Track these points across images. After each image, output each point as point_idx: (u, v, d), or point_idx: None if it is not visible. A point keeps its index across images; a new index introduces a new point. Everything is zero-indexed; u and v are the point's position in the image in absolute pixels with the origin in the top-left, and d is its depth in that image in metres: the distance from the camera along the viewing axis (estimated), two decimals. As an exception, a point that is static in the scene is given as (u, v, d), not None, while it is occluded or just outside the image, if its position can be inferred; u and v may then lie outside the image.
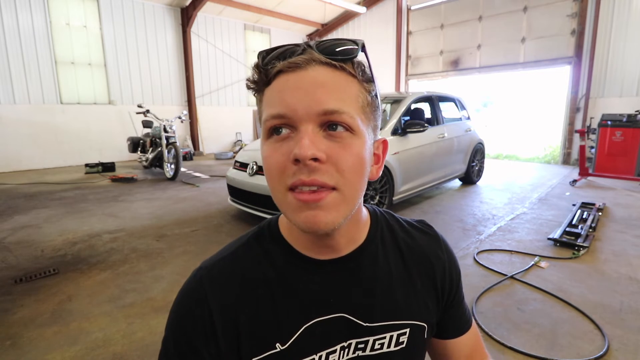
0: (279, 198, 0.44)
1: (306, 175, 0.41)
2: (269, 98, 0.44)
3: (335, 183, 0.42)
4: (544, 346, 1.74)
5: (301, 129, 0.42)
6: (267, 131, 0.44)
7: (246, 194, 3.55)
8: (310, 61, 0.43)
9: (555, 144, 9.59)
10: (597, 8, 6.92)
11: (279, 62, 0.43)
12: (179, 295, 0.52)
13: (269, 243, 0.54)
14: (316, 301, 0.51)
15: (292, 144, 0.42)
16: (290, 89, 0.42)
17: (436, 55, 9.57)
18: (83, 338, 1.84)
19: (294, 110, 0.41)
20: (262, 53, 0.46)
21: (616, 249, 2.93)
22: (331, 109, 0.41)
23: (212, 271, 0.52)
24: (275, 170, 0.43)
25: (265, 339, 0.49)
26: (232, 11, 9.79)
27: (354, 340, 0.52)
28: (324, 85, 0.42)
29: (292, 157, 0.41)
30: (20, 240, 3.25)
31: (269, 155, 0.44)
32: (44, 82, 7.35)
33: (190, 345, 0.48)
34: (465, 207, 4.36)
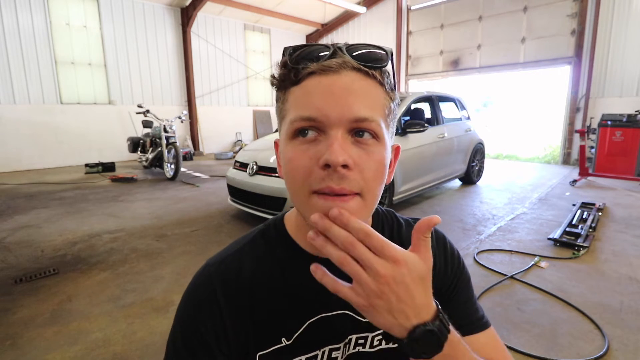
0: (301, 200, 0.44)
1: (335, 182, 0.41)
2: (297, 98, 0.44)
3: (360, 189, 0.42)
4: (544, 346, 1.74)
5: (331, 133, 0.41)
6: (293, 132, 0.44)
7: (246, 194, 3.55)
8: (343, 65, 0.43)
9: (555, 144, 9.59)
10: (597, 8, 6.92)
11: (309, 62, 0.43)
12: (188, 292, 0.53)
13: (275, 240, 0.55)
14: (320, 298, 0.51)
15: (320, 148, 0.42)
16: (322, 93, 0.42)
17: (436, 55, 9.57)
18: (83, 338, 1.84)
19: (326, 115, 0.41)
20: (289, 49, 0.45)
21: (616, 249, 2.93)
22: (362, 117, 0.42)
23: (220, 268, 0.53)
24: (300, 173, 0.43)
25: (271, 334, 0.50)
26: (232, 11, 9.79)
27: (354, 335, 0.54)
28: (356, 92, 0.42)
29: (323, 162, 0.40)
30: (20, 240, 3.25)
31: (295, 157, 0.43)
32: (44, 82, 7.35)
33: (201, 342, 0.49)
34: (465, 207, 4.35)
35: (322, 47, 0.45)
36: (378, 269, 0.36)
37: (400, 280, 0.37)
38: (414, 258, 0.38)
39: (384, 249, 0.37)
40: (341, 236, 0.37)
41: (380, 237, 0.38)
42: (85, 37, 7.80)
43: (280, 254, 0.54)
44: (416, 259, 0.38)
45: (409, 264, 0.37)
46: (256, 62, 11.12)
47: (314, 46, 0.45)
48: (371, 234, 0.37)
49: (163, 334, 1.87)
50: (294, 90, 0.44)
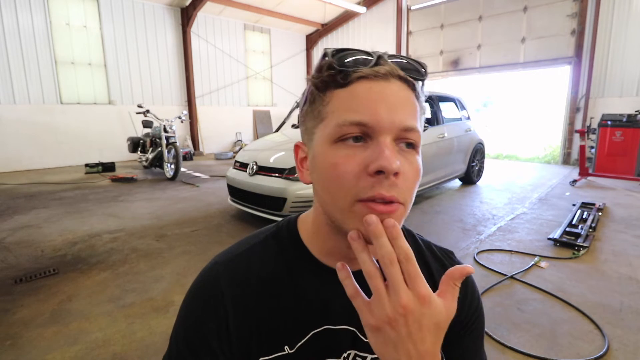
0: (342, 207, 0.42)
1: (386, 190, 0.40)
2: (345, 102, 0.43)
3: (404, 199, 0.42)
4: (544, 346, 1.74)
5: (380, 140, 0.41)
6: (339, 136, 0.42)
7: (246, 194, 3.55)
8: (392, 73, 0.43)
9: (555, 144, 9.59)
10: (597, 8, 6.92)
11: (358, 66, 0.43)
12: (194, 289, 0.52)
13: (286, 245, 0.53)
14: (327, 310, 0.51)
15: (368, 154, 0.41)
16: (374, 98, 0.41)
17: (436, 55, 9.57)
18: (83, 338, 1.84)
19: (378, 121, 0.41)
20: (331, 51, 0.44)
21: (616, 249, 2.93)
22: (410, 126, 0.42)
23: (229, 267, 0.52)
24: (347, 179, 0.41)
25: (275, 341, 0.49)
26: (232, 11, 9.79)
27: (353, 351, 0.52)
28: (404, 102, 0.43)
29: (375, 168, 0.39)
30: (20, 240, 3.25)
31: (341, 162, 0.42)
32: (44, 82, 7.35)
33: (204, 341, 0.48)
34: (465, 207, 4.35)
35: (366, 53, 0.44)
36: (402, 297, 0.35)
37: (418, 319, 0.36)
38: (438, 303, 0.37)
39: (416, 280, 0.36)
40: (386, 249, 0.36)
41: (417, 267, 0.36)
42: (85, 37, 7.80)
43: (290, 260, 0.52)
44: (441, 304, 0.37)
45: (432, 306, 0.36)
46: (256, 62, 11.12)
47: (358, 51, 0.44)
48: (411, 259, 0.36)
49: (163, 334, 1.87)
50: (339, 92, 0.43)
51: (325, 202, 0.45)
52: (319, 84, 0.45)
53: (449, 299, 0.38)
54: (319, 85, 0.45)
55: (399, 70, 0.43)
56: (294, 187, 3.14)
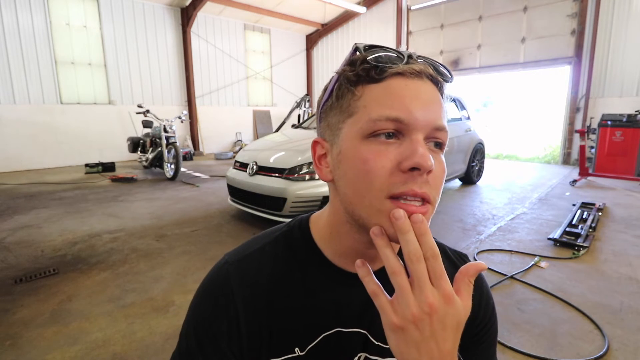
0: (373, 204, 0.41)
1: (419, 186, 0.40)
2: (380, 97, 0.42)
3: (434, 198, 0.42)
4: (544, 346, 1.74)
5: (414, 137, 0.41)
6: (372, 131, 0.42)
7: (246, 194, 3.55)
8: (424, 72, 0.43)
9: (555, 144, 9.59)
10: (597, 8, 6.92)
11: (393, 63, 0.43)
12: (204, 288, 0.51)
13: (298, 246, 0.52)
14: (339, 312, 0.50)
15: (401, 150, 0.41)
16: (411, 96, 0.41)
17: (436, 55, 9.56)
18: (83, 338, 1.84)
19: (415, 119, 0.40)
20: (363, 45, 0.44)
21: (616, 249, 2.93)
22: (441, 126, 0.43)
23: (240, 267, 0.51)
24: (380, 174, 0.40)
25: (286, 342, 0.49)
26: (232, 11, 9.79)
27: (364, 354, 0.52)
28: (437, 101, 0.43)
29: (410, 165, 0.39)
30: (20, 240, 3.25)
31: (372, 158, 0.41)
32: (44, 82, 7.35)
33: (214, 342, 0.48)
34: (465, 207, 4.35)
35: (396, 51, 0.44)
36: (428, 295, 0.35)
37: (442, 318, 0.35)
38: (459, 301, 0.37)
39: (442, 278, 0.36)
40: (413, 245, 0.36)
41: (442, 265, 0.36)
42: (85, 37, 7.80)
43: (302, 262, 0.51)
44: (460, 303, 0.37)
45: (455, 305, 0.36)
46: (256, 62, 11.12)
47: (389, 49, 0.44)
48: (438, 257, 0.36)
49: (163, 334, 1.87)
50: (372, 87, 0.43)
51: (350, 199, 0.44)
52: (353, 77, 0.44)
53: (465, 296, 0.37)
54: (352, 78, 0.44)
55: (430, 70, 0.44)
56: (294, 187, 3.14)
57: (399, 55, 0.43)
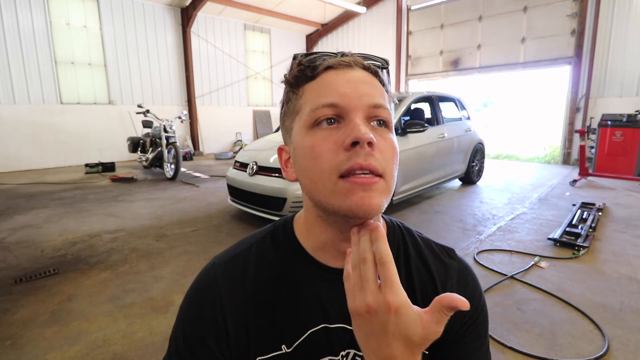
0: (327, 186, 0.44)
1: (363, 159, 0.42)
2: (315, 90, 0.47)
3: (382, 171, 0.44)
4: (544, 346, 1.74)
5: (352, 117, 0.44)
6: (314, 121, 0.45)
7: (246, 194, 3.55)
8: (355, 63, 0.47)
9: (555, 144, 9.59)
10: (597, 8, 6.92)
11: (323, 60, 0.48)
12: (192, 291, 0.53)
13: (282, 244, 0.54)
14: (324, 308, 0.51)
15: (342, 132, 0.44)
16: (341, 81, 0.46)
17: (436, 55, 9.57)
18: (83, 338, 1.84)
19: (348, 100, 0.44)
20: (301, 54, 0.49)
21: (616, 249, 2.93)
22: (379, 103, 0.45)
23: (227, 267, 0.53)
24: (327, 157, 0.43)
25: (272, 340, 0.50)
26: (232, 11, 9.79)
27: (352, 350, 0.52)
28: (370, 84, 0.47)
29: (351, 140, 0.42)
30: (20, 240, 3.25)
31: (318, 144, 0.44)
32: (44, 82, 7.34)
33: (203, 342, 0.49)
34: (465, 207, 4.35)
35: (331, 53, 0.49)
36: (367, 297, 0.38)
37: (383, 323, 0.37)
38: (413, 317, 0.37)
39: (387, 285, 0.37)
40: (363, 247, 0.40)
41: (392, 273, 0.38)
42: (85, 37, 7.80)
43: (286, 259, 0.53)
44: (416, 320, 0.37)
45: (401, 317, 0.37)
46: (256, 62, 11.12)
47: (324, 52, 0.49)
48: (387, 263, 0.38)
49: (163, 334, 1.87)
50: (310, 85, 0.47)
51: (310, 189, 0.46)
52: (292, 80, 0.49)
53: (432, 321, 0.37)
54: (292, 81, 0.49)
55: (361, 61, 0.48)
56: (293, 187, 3.14)
57: (331, 55, 0.48)
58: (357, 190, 0.42)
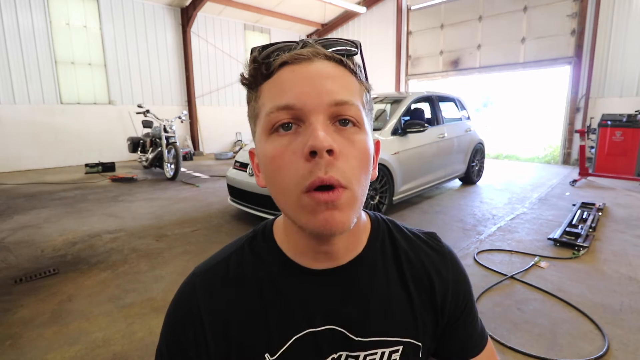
0: (291, 201, 0.41)
1: (323, 172, 0.38)
2: (270, 90, 0.42)
3: (347, 182, 0.40)
4: (544, 346, 1.74)
5: (312, 120, 0.39)
6: (271, 126, 0.41)
7: (246, 194, 3.55)
8: (316, 54, 0.42)
9: (555, 144, 9.59)
10: (597, 8, 6.92)
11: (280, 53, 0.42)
12: (172, 303, 0.52)
13: (262, 249, 0.52)
14: (308, 312, 0.49)
15: (301, 138, 0.39)
16: (297, 79, 0.40)
17: (436, 55, 9.57)
18: (83, 338, 1.84)
19: (304, 101, 0.39)
20: (258, 48, 0.44)
21: (616, 249, 2.93)
22: (342, 99, 0.40)
23: (206, 277, 0.51)
24: (287, 171, 0.40)
25: (255, 349, 0.48)
26: (232, 11, 9.79)
27: (344, 352, 0.50)
28: (332, 77, 0.41)
29: (307, 150, 0.38)
30: (20, 240, 3.25)
31: (277, 154, 0.40)
32: (44, 82, 7.34)
33: (183, 353, 0.48)
34: (465, 207, 4.35)
35: (291, 43, 0.43)
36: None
37: None
38: None
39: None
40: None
41: None
42: (85, 37, 7.80)
43: (267, 263, 0.50)
44: None
45: None
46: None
47: (283, 42, 0.43)
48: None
49: (163, 334, 1.87)
50: (266, 84, 0.42)
51: (277, 199, 0.44)
52: (246, 81, 0.44)
53: None
54: (248, 83, 0.44)
55: (323, 50, 0.42)
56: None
57: (290, 45, 0.43)
58: (321, 209, 0.39)
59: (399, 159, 3.88)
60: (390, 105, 4.60)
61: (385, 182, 3.70)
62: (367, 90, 0.46)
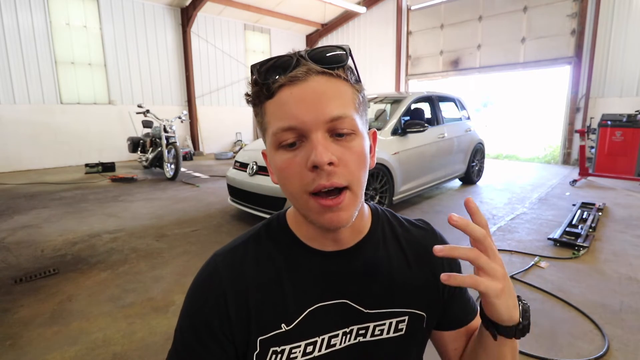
0: (301, 203, 0.48)
1: (325, 179, 0.45)
2: (274, 111, 0.47)
3: (348, 182, 0.47)
4: (544, 346, 1.74)
5: (312, 137, 0.45)
6: (278, 143, 0.48)
7: (246, 194, 3.55)
8: (309, 72, 0.46)
9: (555, 144, 9.59)
10: (597, 8, 6.92)
11: (278, 75, 0.46)
12: (195, 282, 0.56)
13: (277, 234, 0.58)
14: (320, 287, 0.55)
15: (304, 153, 0.46)
16: (295, 101, 0.45)
17: (436, 55, 9.57)
18: (83, 338, 1.84)
19: (303, 122, 0.45)
20: (256, 66, 0.49)
21: (616, 249, 2.93)
22: (337, 115, 0.46)
23: (227, 258, 0.56)
24: (294, 180, 0.47)
25: (272, 320, 0.53)
26: (232, 11, 9.79)
27: (355, 326, 0.55)
28: (325, 94, 0.46)
29: (310, 165, 0.44)
30: (20, 240, 3.25)
31: (285, 166, 0.47)
32: (44, 82, 7.34)
33: (208, 328, 0.52)
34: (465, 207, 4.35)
35: (285, 58, 0.47)
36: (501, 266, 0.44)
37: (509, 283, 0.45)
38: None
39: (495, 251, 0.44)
40: (478, 230, 0.43)
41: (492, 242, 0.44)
42: (85, 37, 7.80)
43: (282, 245, 0.57)
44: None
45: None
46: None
47: (278, 59, 0.48)
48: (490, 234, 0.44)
49: (163, 334, 1.87)
50: (269, 104, 0.48)
51: (290, 200, 0.51)
52: (253, 100, 0.50)
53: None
54: (253, 101, 0.50)
55: (316, 67, 0.46)
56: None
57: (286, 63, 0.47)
58: (326, 212, 0.47)
59: (399, 159, 3.88)
60: (390, 105, 4.60)
61: (385, 182, 3.70)
62: (359, 91, 0.51)
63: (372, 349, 0.56)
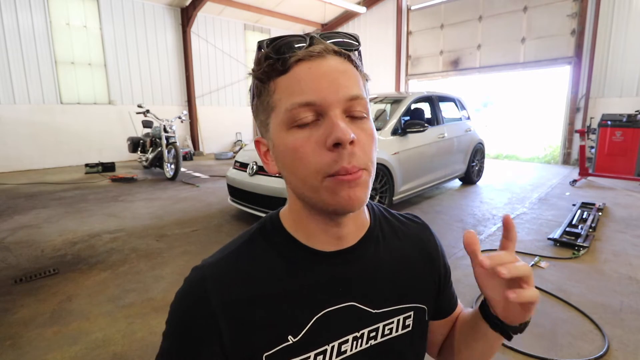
0: (314, 185, 0.44)
1: (347, 161, 0.42)
2: (288, 86, 0.44)
3: (365, 164, 0.45)
4: (544, 346, 1.74)
5: (331, 114, 0.43)
6: (293, 121, 0.44)
7: (246, 194, 3.55)
8: (326, 50, 0.45)
9: (555, 144, 9.58)
10: (597, 8, 6.92)
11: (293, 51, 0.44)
12: (178, 294, 0.51)
13: (273, 237, 0.53)
14: (325, 292, 0.51)
15: (322, 130, 0.43)
16: (315, 77, 0.43)
17: (436, 55, 9.57)
18: (83, 338, 1.84)
19: (324, 97, 0.43)
20: (266, 41, 0.46)
21: (616, 249, 2.93)
22: (355, 95, 0.45)
23: (214, 269, 0.51)
24: (310, 160, 0.43)
25: (277, 333, 0.48)
26: (232, 11, 9.79)
27: (365, 329, 0.53)
28: (343, 72, 0.45)
29: (332, 141, 0.42)
30: (20, 240, 3.25)
31: (300, 145, 0.44)
32: (44, 82, 7.35)
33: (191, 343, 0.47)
34: (465, 207, 4.35)
35: (299, 37, 0.45)
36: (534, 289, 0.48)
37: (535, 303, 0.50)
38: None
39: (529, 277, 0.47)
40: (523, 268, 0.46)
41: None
42: (85, 37, 7.80)
43: (279, 249, 0.52)
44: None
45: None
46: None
47: (292, 36, 0.45)
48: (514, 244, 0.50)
49: (163, 334, 1.87)
50: (281, 80, 0.45)
51: (296, 185, 0.47)
52: (261, 75, 0.46)
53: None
54: (261, 77, 0.46)
55: (332, 46, 0.46)
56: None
57: (300, 40, 0.45)
58: (344, 187, 0.44)
59: (399, 159, 3.88)
60: (390, 105, 4.60)
61: (385, 182, 3.70)
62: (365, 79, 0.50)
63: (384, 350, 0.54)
